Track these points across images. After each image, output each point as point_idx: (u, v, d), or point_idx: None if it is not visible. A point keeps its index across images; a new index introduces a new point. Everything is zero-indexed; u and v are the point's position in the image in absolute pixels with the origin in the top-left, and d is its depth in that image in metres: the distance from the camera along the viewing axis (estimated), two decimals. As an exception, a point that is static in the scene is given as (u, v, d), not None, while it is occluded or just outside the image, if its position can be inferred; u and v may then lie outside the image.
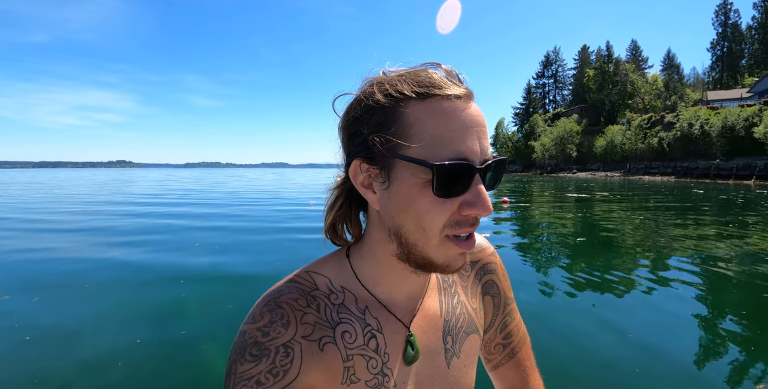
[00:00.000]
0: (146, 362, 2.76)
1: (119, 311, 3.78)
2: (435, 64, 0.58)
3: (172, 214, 11.11)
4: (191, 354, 2.89)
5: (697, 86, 74.70)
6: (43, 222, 9.57)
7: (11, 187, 26.91)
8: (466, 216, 0.54)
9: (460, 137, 0.52)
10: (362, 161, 0.57)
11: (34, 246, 6.64)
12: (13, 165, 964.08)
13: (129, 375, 2.58)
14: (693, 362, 2.78)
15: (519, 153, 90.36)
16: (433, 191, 0.52)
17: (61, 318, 3.54)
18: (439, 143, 0.52)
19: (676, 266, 5.33)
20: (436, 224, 0.54)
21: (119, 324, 3.46)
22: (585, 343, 3.02)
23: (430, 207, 0.53)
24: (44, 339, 3.10)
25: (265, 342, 0.56)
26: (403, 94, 0.54)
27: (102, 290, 4.34)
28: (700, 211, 12.41)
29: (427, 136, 0.52)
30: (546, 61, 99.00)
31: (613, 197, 18.58)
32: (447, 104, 0.53)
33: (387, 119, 0.55)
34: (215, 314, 3.65)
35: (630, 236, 7.88)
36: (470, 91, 0.56)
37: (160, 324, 3.39)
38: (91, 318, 3.60)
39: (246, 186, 27.59)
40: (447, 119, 0.52)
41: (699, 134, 46.36)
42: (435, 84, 0.54)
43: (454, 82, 0.55)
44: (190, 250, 6.25)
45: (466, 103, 0.54)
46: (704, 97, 60.22)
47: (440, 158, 0.51)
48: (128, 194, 19.15)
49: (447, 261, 0.56)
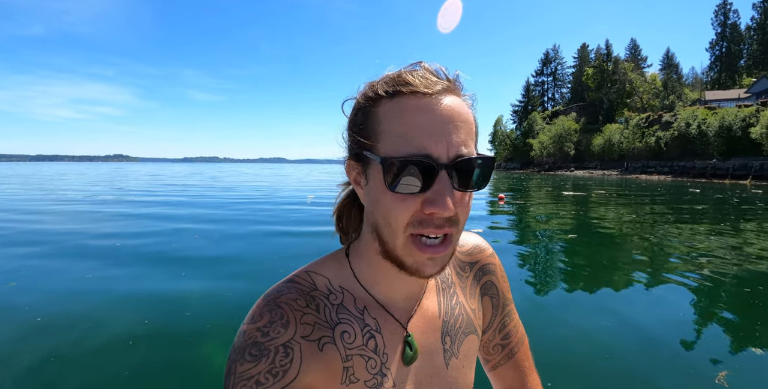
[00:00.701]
0: (148, 355, 2.80)
1: (122, 300, 3.84)
2: (418, 62, 0.59)
3: (171, 208, 11.11)
4: (193, 348, 2.92)
5: (695, 86, 74.85)
6: (39, 215, 9.56)
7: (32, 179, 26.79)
8: (430, 216, 0.53)
9: (422, 134, 0.52)
10: (352, 159, 0.60)
11: (38, 239, 6.66)
12: (9, 159, 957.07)
13: (131, 368, 2.62)
14: (687, 357, 2.82)
15: (517, 151, 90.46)
16: (385, 186, 0.53)
17: (65, 305, 3.64)
18: (402, 140, 0.52)
19: (670, 264, 5.39)
20: (399, 221, 0.54)
21: (123, 313, 3.52)
22: (582, 342, 3.04)
23: (392, 204, 0.54)
24: (53, 323, 3.23)
25: (264, 342, 0.56)
26: (377, 94, 0.56)
27: (105, 281, 4.39)
28: (696, 210, 12.48)
29: (391, 133, 0.53)
30: (545, 59, 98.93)
31: (609, 195, 18.66)
32: (414, 101, 0.53)
33: (363, 119, 0.57)
34: (217, 307, 3.69)
35: (625, 234, 7.93)
36: (449, 87, 0.56)
37: (162, 316, 3.44)
38: (96, 305, 3.68)
39: (242, 181, 27.57)
40: (411, 116, 0.53)
41: (696, 134, 46.54)
42: (405, 82, 0.54)
43: (429, 79, 0.55)
44: (190, 242, 6.27)
45: (437, 99, 0.54)
46: (702, 97, 60.33)
47: (400, 154, 0.52)
48: (125, 191, 19.10)
49: (416, 265, 0.56)
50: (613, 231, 8.17)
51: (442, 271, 0.57)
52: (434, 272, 0.56)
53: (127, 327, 3.23)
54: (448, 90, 0.55)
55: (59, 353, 2.78)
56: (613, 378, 2.56)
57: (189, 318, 3.42)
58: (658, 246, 6.56)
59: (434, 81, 0.55)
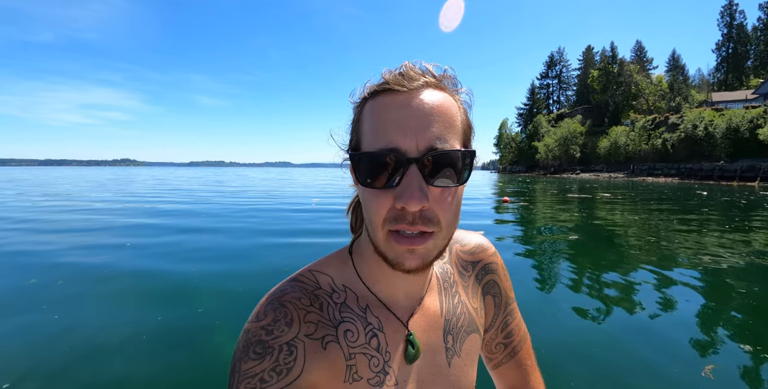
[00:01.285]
0: (161, 350, 2.87)
1: (133, 297, 3.98)
2: (403, 64, 0.59)
3: (178, 212, 11.21)
4: (203, 341, 3.00)
5: (702, 87, 74.37)
6: (46, 222, 9.69)
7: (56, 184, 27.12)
8: (403, 211, 0.52)
9: (391, 129, 0.52)
10: (349, 159, 0.60)
11: (55, 239, 6.77)
12: (19, 163, 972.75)
13: (145, 361, 2.68)
14: (694, 360, 2.80)
15: (522, 154, 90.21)
16: (357, 182, 0.54)
17: (82, 302, 3.81)
18: (373, 136, 0.53)
19: (677, 267, 5.36)
20: (376, 217, 0.54)
21: (134, 309, 3.64)
22: (585, 342, 3.04)
23: (368, 199, 0.55)
24: (70, 320, 3.36)
25: (268, 340, 0.56)
26: (363, 97, 0.58)
27: (119, 277, 4.51)
28: (702, 212, 12.41)
29: (367, 131, 0.55)
30: (550, 62, 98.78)
31: (615, 198, 18.57)
32: (388, 98, 0.54)
33: (351, 121, 0.61)
34: (227, 304, 3.80)
35: (631, 236, 7.91)
36: (429, 82, 0.56)
37: (175, 312, 3.51)
38: (110, 302, 3.83)
39: (251, 185, 27.74)
40: (382, 112, 0.53)
41: (703, 136, 46.18)
42: (384, 81, 0.56)
43: (407, 75, 0.55)
44: (204, 243, 6.34)
45: (412, 94, 0.54)
46: (709, 98, 59.93)
47: (371, 150, 0.53)
48: (136, 194, 19.27)
49: (395, 257, 0.55)
50: (616, 233, 8.15)
51: (425, 266, 0.56)
52: (415, 266, 0.55)
53: (142, 322, 3.35)
54: (428, 85, 0.55)
55: (76, 348, 2.89)
56: (614, 374, 2.57)
57: (201, 313, 3.54)
58: (665, 250, 6.53)
59: (412, 77, 0.55)
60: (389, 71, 0.58)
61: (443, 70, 0.59)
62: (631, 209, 13.02)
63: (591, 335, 3.18)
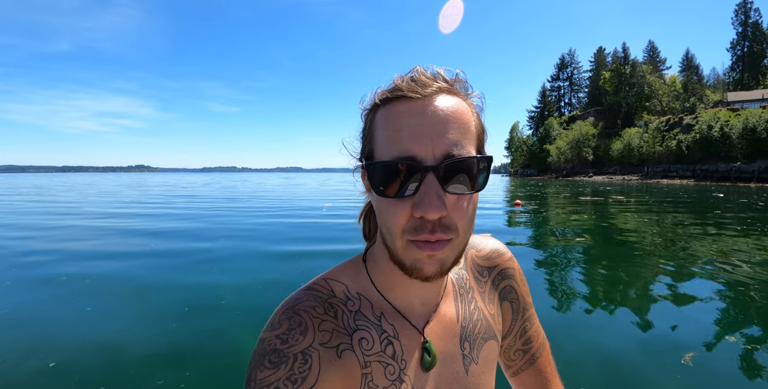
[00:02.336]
0: (188, 337, 3.12)
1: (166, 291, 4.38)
2: (414, 69, 0.59)
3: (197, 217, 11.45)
4: (227, 332, 3.26)
5: (717, 87, 73.23)
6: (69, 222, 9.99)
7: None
8: (422, 220, 0.52)
9: (407, 136, 0.52)
10: (362, 167, 0.61)
11: (83, 240, 7.00)
12: (38, 169, 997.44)
13: (173, 348, 2.89)
14: (714, 371, 2.77)
15: (534, 157, 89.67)
16: (373, 191, 0.54)
17: (109, 296, 4.23)
18: (388, 144, 0.53)
19: (694, 272, 5.30)
20: (395, 226, 0.54)
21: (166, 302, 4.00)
22: (605, 348, 3.02)
23: (386, 209, 0.54)
24: (101, 312, 3.75)
25: (283, 349, 0.56)
26: (374, 103, 0.58)
27: (143, 275, 4.87)
28: (719, 215, 12.26)
29: (381, 138, 0.54)
30: (561, 64, 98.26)
31: (628, 201, 18.39)
32: (401, 105, 0.53)
33: (363, 127, 0.60)
34: (249, 298, 4.10)
35: (645, 240, 7.87)
36: (442, 88, 0.55)
37: (200, 304, 3.76)
38: (136, 299, 4.18)
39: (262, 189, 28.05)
40: (396, 120, 0.53)
41: (719, 136, 45.43)
42: (396, 88, 0.55)
43: (420, 81, 0.55)
44: (225, 244, 6.51)
45: (426, 101, 0.53)
46: (724, 98, 58.96)
47: (387, 158, 0.53)
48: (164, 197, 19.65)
49: (414, 264, 0.55)
50: (629, 237, 8.12)
51: (442, 274, 0.56)
52: (433, 273, 0.55)
53: (171, 313, 3.67)
54: (441, 91, 0.55)
55: (106, 335, 3.19)
56: (635, 382, 2.56)
57: (224, 305, 3.83)
58: (680, 254, 6.51)
59: (425, 83, 0.54)
60: (401, 77, 0.57)
61: (454, 74, 0.59)
62: (643, 212, 12.92)
63: (611, 341, 3.14)
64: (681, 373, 2.66)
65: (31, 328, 3.38)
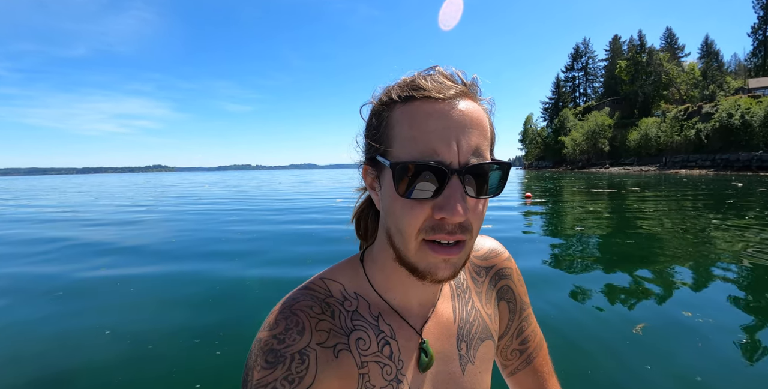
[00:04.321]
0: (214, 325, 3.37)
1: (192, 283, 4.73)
2: (433, 67, 0.59)
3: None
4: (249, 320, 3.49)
5: (738, 73, 71.12)
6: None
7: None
8: (441, 221, 0.52)
9: (434, 138, 0.51)
10: (367, 164, 0.61)
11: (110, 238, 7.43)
12: (58, 172, 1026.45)
13: (202, 334, 3.11)
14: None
15: (549, 149, 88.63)
16: (396, 192, 0.53)
17: (146, 285, 4.70)
18: (412, 145, 0.52)
19: (709, 267, 5.23)
20: (410, 228, 0.54)
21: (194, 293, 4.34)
22: (603, 348, 2.99)
23: (402, 210, 0.54)
24: (140, 300, 4.17)
25: (280, 349, 0.56)
26: (391, 99, 0.56)
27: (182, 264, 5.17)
28: (734, 205, 12.14)
29: (404, 138, 0.53)
30: (575, 54, 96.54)
31: (642, 192, 18.22)
32: (426, 105, 0.53)
33: (377, 124, 0.58)
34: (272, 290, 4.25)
35: (658, 232, 7.89)
36: (463, 91, 0.55)
37: (226, 294, 3.98)
38: (156, 292, 4.51)
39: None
40: (422, 121, 0.52)
41: (739, 125, 44.29)
42: (417, 87, 0.54)
43: (443, 83, 0.55)
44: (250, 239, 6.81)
45: (450, 103, 0.53)
46: (745, 85, 57.34)
47: (410, 159, 0.52)
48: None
49: (428, 268, 0.55)
50: (639, 229, 8.15)
51: (455, 276, 0.57)
52: (447, 276, 0.56)
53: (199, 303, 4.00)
54: (462, 94, 0.55)
55: (141, 321, 3.57)
56: (636, 382, 2.53)
57: (249, 298, 4.18)
58: (692, 247, 6.52)
59: (448, 85, 0.54)
60: (421, 75, 0.57)
61: (471, 78, 0.59)
62: (659, 204, 12.86)
63: (612, 340, 3.12)
64: (630, 340, 3.08)
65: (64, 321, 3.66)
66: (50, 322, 3.63)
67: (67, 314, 3.83)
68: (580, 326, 3.38)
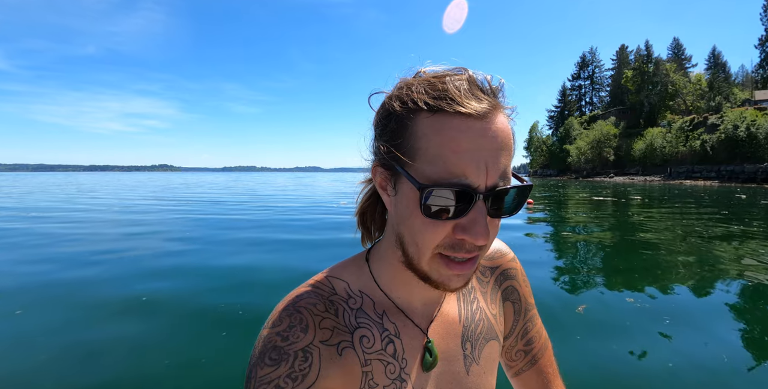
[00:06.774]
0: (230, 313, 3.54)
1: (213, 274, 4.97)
2: (462, 68, 0.55)
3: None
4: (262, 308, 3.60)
5: (746, 85, 71.04)
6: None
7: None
8: (462, 241, 0.52)
9: (464, 160, 0.49)
10: (379, 163, 0.59)
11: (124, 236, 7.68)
12: (66, 168, 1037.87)
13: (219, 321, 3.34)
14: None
15: (554, 157, 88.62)
16: (420, 210, 0.51)
17: (162, 279, 4.77)
18: (440, 164, 0.50)
19: (710, 277, 5.22)
20: (429, 242, 0.53)
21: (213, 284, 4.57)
22: (608, 349, 3.00)
23: (422, 227, 0.53)
24: (156, 296, 4.16)
25: (284, 346, 0.56)
26: (416, 105, 0.52)
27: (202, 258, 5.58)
28: (737, 217, 12.27)
29: (430, 154, 0.50)
30: (582, 62, 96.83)
31: (643, 201, 18.34)
32: (457, 121, 0.50)
33: (398, 130, 0.54)
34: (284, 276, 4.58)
35: (659, 242, 8.01)
36: (493, 105, 0.52)
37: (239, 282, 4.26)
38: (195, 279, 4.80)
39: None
40: (453, 139, 0.49)
41: (745, 137, 44.34)
42: (448, 97, 0.50)
43: (474, 94, 0.51)
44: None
45: (482, 121, 0.50)
46: (752, 97, 57.33)
47: (438, 179, 0.50)
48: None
49: (442, 279, 0.55)
50: (641, 238, 8.28)
51: (467, 285, 0.57)
52: (460, 286, 0.56)
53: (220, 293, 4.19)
54: (494, 109, 0.52)
55: (159, 314, 3.63)
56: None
57: (260, 285, 4.43)
58: (692, 257, 6.64)
59: (481, 99, 0.51)
60: (451, 81, 0.52)
61: (499, 83, 0.55)
62: (660, 214, 13.01)
63: (618, 343, 3.12)
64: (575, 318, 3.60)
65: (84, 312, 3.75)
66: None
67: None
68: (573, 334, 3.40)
